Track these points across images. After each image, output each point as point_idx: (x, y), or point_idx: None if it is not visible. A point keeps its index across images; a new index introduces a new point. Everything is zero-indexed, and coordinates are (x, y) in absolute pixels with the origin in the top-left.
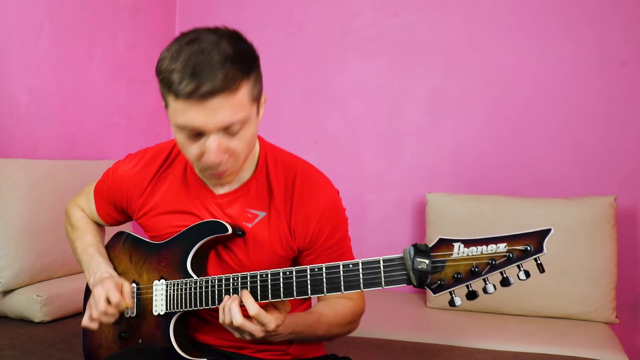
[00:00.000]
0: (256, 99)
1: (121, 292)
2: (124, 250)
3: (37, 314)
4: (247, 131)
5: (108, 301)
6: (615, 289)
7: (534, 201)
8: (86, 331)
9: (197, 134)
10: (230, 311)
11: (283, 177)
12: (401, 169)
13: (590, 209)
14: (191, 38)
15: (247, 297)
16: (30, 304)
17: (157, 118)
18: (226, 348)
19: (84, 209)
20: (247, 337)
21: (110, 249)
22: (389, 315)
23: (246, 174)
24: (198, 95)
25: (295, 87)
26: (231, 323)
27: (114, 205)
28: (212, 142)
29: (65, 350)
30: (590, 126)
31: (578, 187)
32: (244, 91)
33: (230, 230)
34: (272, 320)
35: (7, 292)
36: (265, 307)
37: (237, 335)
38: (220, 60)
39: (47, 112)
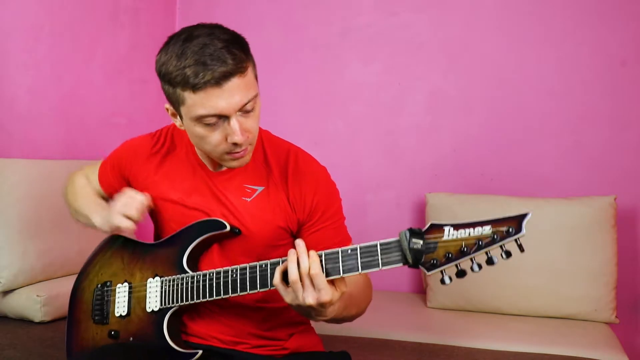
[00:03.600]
0: (257, 78)
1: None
2: (116, 252)
3: (37, 314)
4: (257, 109)
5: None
6: (615, 289)
7: (534, 201)
8: (70, 331)
9: (216, 122)
10: (305, 257)
11: (277, 156)
12: (401, 169)
13: (590, 209)
14: (186, 36)
15: (314, 254)
16: (30, 304)
17: (157, 118)
18: (222, 344)
19: (89, 179)
20: (300, 301)
21: (102, 251)
22: (389, 315)
23: None
24: (216, 80)
25: (295, 87)
26: (304, 273)
27: (118, 176)
28: (235, 123)
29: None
30: (590, 126)
31: (578, 187)
32: (250, 70)
33: (228, 228)
34: (329, 291)
35: (7, 292)
36: None
37: (288, 298)
38: (224, 46)
39: (47, 112)
